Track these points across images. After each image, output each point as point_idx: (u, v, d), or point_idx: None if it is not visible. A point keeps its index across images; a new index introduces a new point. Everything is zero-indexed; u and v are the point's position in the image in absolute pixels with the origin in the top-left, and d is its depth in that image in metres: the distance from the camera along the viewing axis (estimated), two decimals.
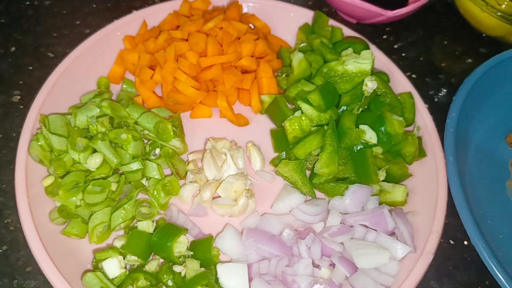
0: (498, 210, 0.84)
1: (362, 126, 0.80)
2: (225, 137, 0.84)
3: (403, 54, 1.02)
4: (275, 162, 0.83)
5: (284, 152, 0.83)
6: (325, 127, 0.80)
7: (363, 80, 0.83)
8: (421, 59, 1.02)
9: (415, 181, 0.82)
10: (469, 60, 1.03)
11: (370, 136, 0.79)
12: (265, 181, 0.81)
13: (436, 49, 1.03)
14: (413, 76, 0.99)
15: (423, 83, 0.98)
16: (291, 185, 0.80)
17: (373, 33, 1.04)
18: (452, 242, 0.80)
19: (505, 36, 1.03)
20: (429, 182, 0.80)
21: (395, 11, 0.94)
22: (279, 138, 0.83)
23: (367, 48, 0.90)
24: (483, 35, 1.06)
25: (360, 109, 0.84)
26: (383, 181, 0.79)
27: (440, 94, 0.97)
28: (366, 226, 0.74)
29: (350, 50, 0.85)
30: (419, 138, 0.84)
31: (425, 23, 1.07)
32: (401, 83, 0.89)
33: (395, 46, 1.03)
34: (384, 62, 0.91)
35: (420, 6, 0.96)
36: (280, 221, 0.75)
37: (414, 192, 0.81)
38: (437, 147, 0.82)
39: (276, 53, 0.94)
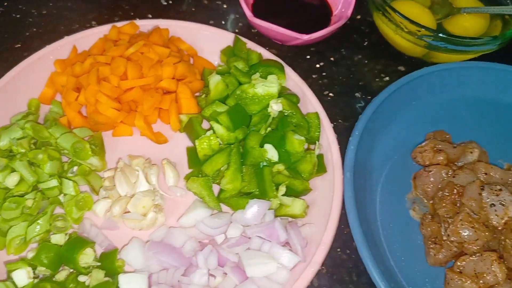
0: (396, 221, 0.90)
1: (266, 145, 0.87)
2: (143, 155, 0.91)
3: (324, 74, 1.08)
4: (188, 178, 0.90)
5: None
6: (232, 146, 0.87)
7: None
8: (340, 78, 1.08)
9: (316, 195, 0.89)
10: (387, 78, 1.09)
11: (272, 154, 0.86)
12: (178, 196, 0.88)
13: (356, 68, 1.10)
14: (331, 94, 1.06)
15: (341, 102, 1.05)
16: (201, 199, 0.87)
17: (299, 53, 1.11)
18: (348, 251, 0.87)
19: (423, 56, 1.10)
20: (327, 197, 0.87)
21: (309, 35, 1.00)
22: (193, 156, 0.90)
23: (282, 69, 0.97)
24: (404, 55, 1.12)
25: (269, 129, 0.91)
26: (284, 195, 0.86)
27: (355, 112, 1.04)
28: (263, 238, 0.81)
29: (257, 74, 0.92)
30: (321, 155, 0.90)
31: (348, 43, 1.14)
32: (311, 103, 0.96)
33: (317, 66, 1.09)
34: (298, 83, 0.98)
35: (335, 30, 1.03)
36: (184, 233, 0.82)
37: (314, 205, 0.88)
38: (337, 164, 0.89)
39: (200, 74, 1.01)
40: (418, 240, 0.88)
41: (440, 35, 0.97)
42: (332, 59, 1.11)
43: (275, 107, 0.89)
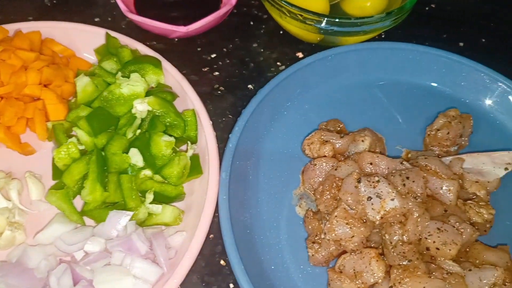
0: (282, 220, 0.84)
1: (131, 150, 0.81)
2: (8, 168, 0.85)
3: (215, 66, 1.02)
4: None
5: None
6: (92, 153, 0.81)
7: None
8: (233, 69, 1.02)
9: (193, 199, 0.83)
10: (283, 67, 1.03)
11: (136, 160, 0.80)
12: (41, 211, 0.82)
13: (251, 58, 1.03)
14: (222, 88, 0.99)
15: (232, 96, 0.98)
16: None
17: (189, 45, 1.04)
18: (227, 258, 0.81)
19: (321, 42, 1.03)
20: (201, 201, 0.81)
21: (187, 27, 0.94)
22: (56, 166, 0.84)
23: (158, 65, 0.91)
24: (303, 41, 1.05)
25: (139, 131, 0.84)
26: (154, 202, 0.80)
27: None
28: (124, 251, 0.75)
29: (119, 74, 0.86)
30: (196, 156, 0.84)
31: (243, 31, 1.07)
32: (191, 100, 0.89)
33: (208, 58, 1.03)
34: (177, 79, 0.91)
35: (216, 19, 0.96)
36: (40, 252, 0.76)
37: (190, 211, 0.82)
38: (214, 164, 0.83)
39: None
40: (304, 239, 0.82)
41: (324, 18, 0.90)
42: (225, 49, 1.04)
43: (140, 107, 0.83)
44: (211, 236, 0.83)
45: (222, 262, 0.81)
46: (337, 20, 0.90)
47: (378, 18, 0.91)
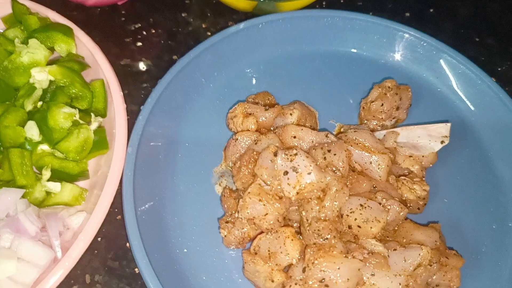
0: (200, 199, 0.77)
1: (29, 123, 0.73)
2: None
3: (139, 37, 0.94)
4: None
5: None
6: None
7: None
8: (158, 41, 0.94)
9: (98, 177, 0.76)
10: None
11: (31, 133, 0.73)
12: None
13: (178, 28, 0.96)
14: (144, 59, 0.92)
15: (155, 68, 0.91)
16: None
17: (112, 14, 0.97)
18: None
19: (254, 10, 0.96)
20: (106, 177, 0.73)
21: None
22: None
23: (69, 34, 0.83)
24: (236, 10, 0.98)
25: (41, 103, 0.76)
26: (52, 180, 0.73)
27: None
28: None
29: (18, 40, 0.78)
30: (102, 130, 0.77)
31: (171, 1, 0.99)
32: (103, 70, 0.82)
33: (132, 28, 0.95)
34: (89, 48, 0.83)
35: None
36: None
37: (95, 189, 0.74)
38: (121, 138, 0.75)
39: None
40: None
41: None
42: (151, 19, 0.97)
43: (38, 76, 0.75)
44: (119, 217, 0.76)
45: (128, 245, 0.74)
46: None
47: None
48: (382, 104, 0.83)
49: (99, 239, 0.74)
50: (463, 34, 0.99)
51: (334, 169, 0.69)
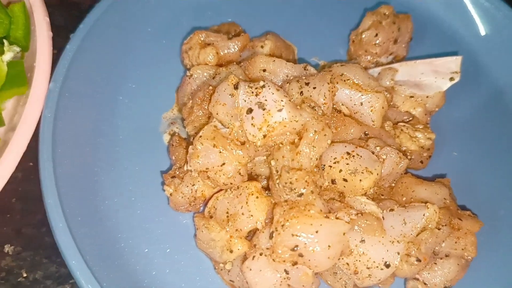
0: (145, 153, 0.61)
1: None
2: None
3: None
4: None
5: None
6: None
7: None
8: None
9: (15, 122, 0.59)
10: None
11: None
12: None
13: None
14: None
15: None
16: None
17: None
18: None
19: None
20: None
21: None
22: None
23: None
24: None
25: None
26: None
27: None
28: None
29: None
30: (19, 63, 0.60)
31: None
32: None
33: None
34: None
35: None
36: None
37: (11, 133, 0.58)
38: (43, 73, 0.58)
39: None
40: None
41: None
42: None
43: None
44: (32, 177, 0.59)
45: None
46: None
47: None
48: (376, 35, 0.66)
49: (13, 200, 0.57)
50: None
51: (313, 105, 0.52)
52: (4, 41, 0.60)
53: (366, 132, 0.58)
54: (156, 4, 0.69)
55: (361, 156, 0.53)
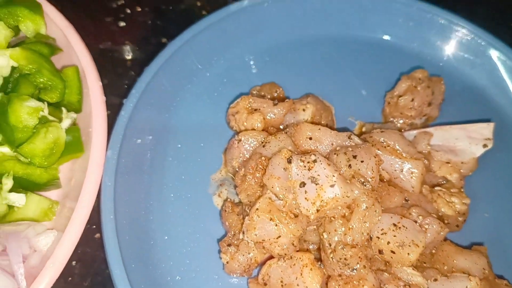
0: (194, 214, 0.64)
1: None
2: None
3: (122, 15, 0.79)
4: None
5: None
6: None
7: None
8: (144, 19, 0.80)
9: (72, 186, 0.62)
10: None
11: None
12: None
13: (168, 5, 0.81)
14: (127, 42, 0.77)
15: (141, 51, 0.77)
16: None
17: None
18: None
19: None
20: (81, 187, 0.59)
21: None
22: None
23: (37, 11, 0.69)
24: None
25: (0, 95, 0.62)
26: (14, 191, 0.59)
27: None
28: None
29: None
30: (76, 129, 0.63)
31: None
32: (77, 54, 0.67)
33: (114, 5, 0.81)
34: (61, 28, 0.69)
35: None
36: None
37: (67, 202, 0.61)
38: (100, 139, 0.61)
39: None
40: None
41: None
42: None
43: None
44: (97, 235, 0.62)
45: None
46: None
47: None
48: (412, 99, 0.70)
49: (73, 263, 0.60)
50: (498, 17, 0.86)
51: (362, 180, 0.56)
52: (63, 109, 0.62)
53: (407, 198, 0.62)
54: (202, 67, 0.72)
55: (406, 228, 0.56)
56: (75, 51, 0.68)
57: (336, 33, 0.78)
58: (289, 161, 0.56)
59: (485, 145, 0.67)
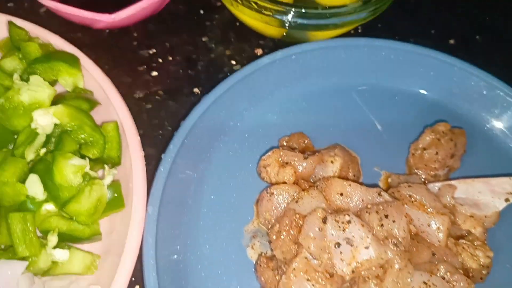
0: (230, 266, 0.66)
1: (31, 177, 0.62)
2: None
3: (154, 64, 0.82)
4: None
5: None
6: None
7: None
8: (176, 69, 0.82)
9: (113, 239, 0.64)
10: (238, 67, 0.84)
11: (35, 191, 0.61)
12: None
13: (199, 54, 0.84)
14: (160, 92, 0.80)
15: (173, 102, 0.79)
16: None
17: (122, 37, 0.85)
18: None
19: (284, 37, 0.84)
20: (122, 243, 0.62)
21: (114, 15, 0.74)
22: None
23: (75, 64, 0.71)
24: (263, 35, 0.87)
25: (44, 151, 0.65)
26: (58, 246, 0.61)
27: None
28: None
29: (16, 76, 0.66)
30: (117, 185, 0.65)
31: (191, 21, 0.88)
32: (115, 108, 0.70)
33: (146, 55, 0.83)
34: (99, 81, 0.72)
35: (153, 4, 0.76)
36: None
37: (108, 256, 0.63)
38: (140, 194, 0.64)
39: None
40: None
41: (286, 8, 0.72)
42: (167, 44, 0.85)
43: (42, 120, 0.63)
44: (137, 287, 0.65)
45: None
46: (302, 10, 0.72)
47: (353, 8, 0.73)
48: (437, 153, 0.73)
49: None
50: None
51: (395, 241, 0.58)
52: (105, 166, 0.65)
53: (434, 253, 0.64)
54: (234, 119, 0.75)
55: (436, 286, 0.59)
56: (114, 105, 0.70)
57: (362, 83, 0.81)
58: (324, 221, 0.59)
59: (507, 199, 0.70)
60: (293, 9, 0.72)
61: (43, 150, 0.65)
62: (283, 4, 0.71)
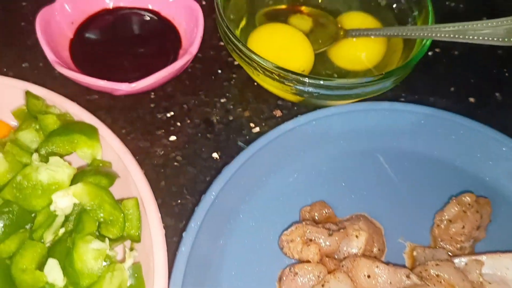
0: None
1: (50, 262, 0.60)
2: None
3: (172, 128, 0.81)
4: None
5: None
6: None
7: None
8: (194, 132, 0.81)
9: None
10: (257, 129, 0.83)
11: (54, 277, 0.59)
12: None
13: (217, 117, 0.83)
14: (178, 158, 0.79)
15: (191, 168, 0.78)
16: None
17: (140, 101, 0.83)
18: None
19: (301, 102, 0.83)
20: None
21: (133, 85, 0.73)
22: None
23: (93, 136, 0.70)
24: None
25: (62, 231, 0.63)
26: None
27: None
28: None
29: (36, 155, 0.64)
30: (138, 266, 0.63)
31: (209, 82, 0.87)
32: (135, 182, 0.68)
33: (164, 118, 0.82)
34: (118, 153, 0.70)
35: (167, 75, 0.75)
36: None
37: None
38: (161, 275, 0.62)
39: None
40: None
41: (307, 80, 0.70)
42: (185, 106, 0.84)
43: (61, 202, 0.62)
44: None
45: None
46: (322, 82, 0.71)
47: (375, 80, 0.72)
48: (463, 226, 0.71)
49: None
50: None
51: None
52: (127, 249, 0.63)
53: None
54: (254, 188, 0.74)
55: None
56: (133, 179, 0.69)
57: (384, 148, 0.80)
58: None
59: None
60: (314, 81, 0.70)
61: (61, 231, 0.63)
62: (304, 76, 0.70)
